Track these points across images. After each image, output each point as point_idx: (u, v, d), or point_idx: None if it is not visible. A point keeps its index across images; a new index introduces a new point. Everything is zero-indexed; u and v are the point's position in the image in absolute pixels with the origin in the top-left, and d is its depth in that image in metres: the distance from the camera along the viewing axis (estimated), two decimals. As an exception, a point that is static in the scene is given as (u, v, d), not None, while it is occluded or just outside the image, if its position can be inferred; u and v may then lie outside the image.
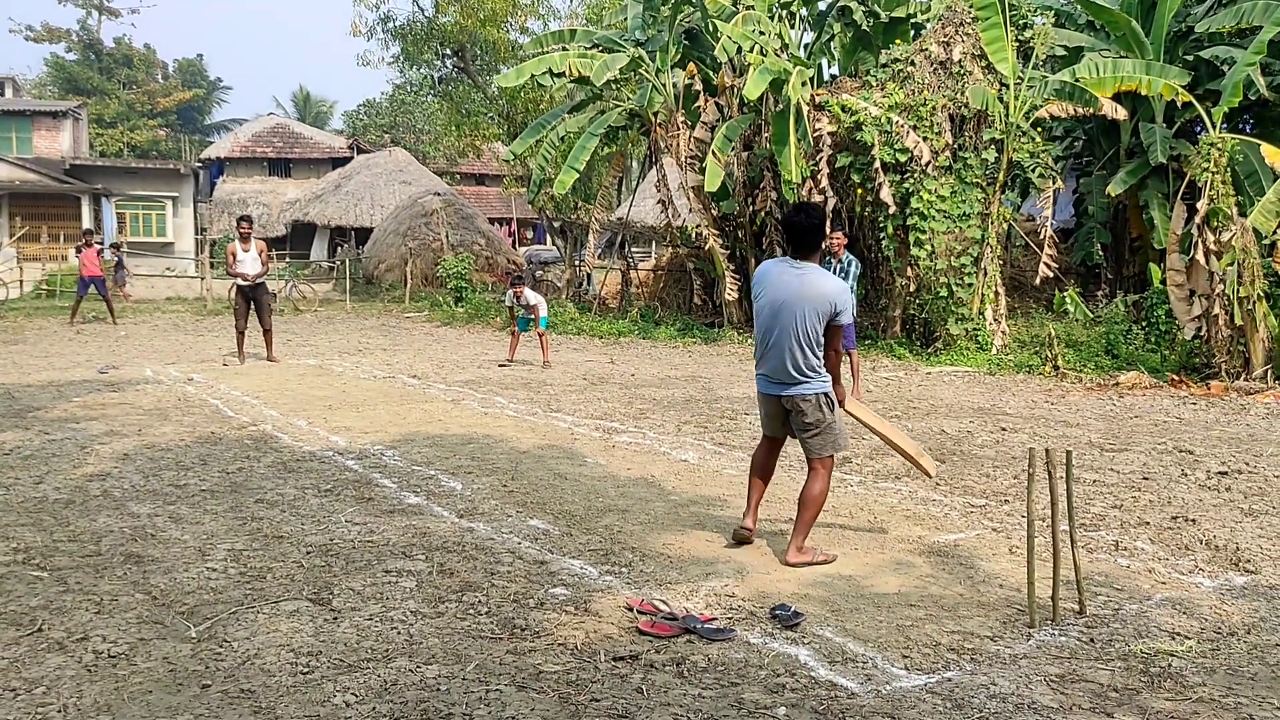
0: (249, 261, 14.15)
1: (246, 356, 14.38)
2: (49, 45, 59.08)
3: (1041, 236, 15.56)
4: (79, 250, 21.21)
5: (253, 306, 14.22)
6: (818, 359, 5.23)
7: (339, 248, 39.50)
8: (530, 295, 14.77)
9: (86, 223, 36.41)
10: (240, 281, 14.18)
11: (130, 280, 27.82)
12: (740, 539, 5.51)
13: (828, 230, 15.05)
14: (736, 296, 18.02)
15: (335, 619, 4.41)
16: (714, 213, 18.64)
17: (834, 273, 11.26)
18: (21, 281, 27.74)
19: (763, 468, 5.60)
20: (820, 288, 5.17)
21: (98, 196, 38.03)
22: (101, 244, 31.63)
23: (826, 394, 5.30)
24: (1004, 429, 9.36)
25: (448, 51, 29.60)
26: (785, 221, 5.48)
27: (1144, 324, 14.40)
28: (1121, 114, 15.38)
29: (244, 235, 14.26)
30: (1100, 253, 19.72)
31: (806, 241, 5.28)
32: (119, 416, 9.64)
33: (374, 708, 3.55)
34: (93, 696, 3.64)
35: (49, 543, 5.51)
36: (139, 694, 3.67)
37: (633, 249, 29.16)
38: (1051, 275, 15.58)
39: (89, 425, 9.14)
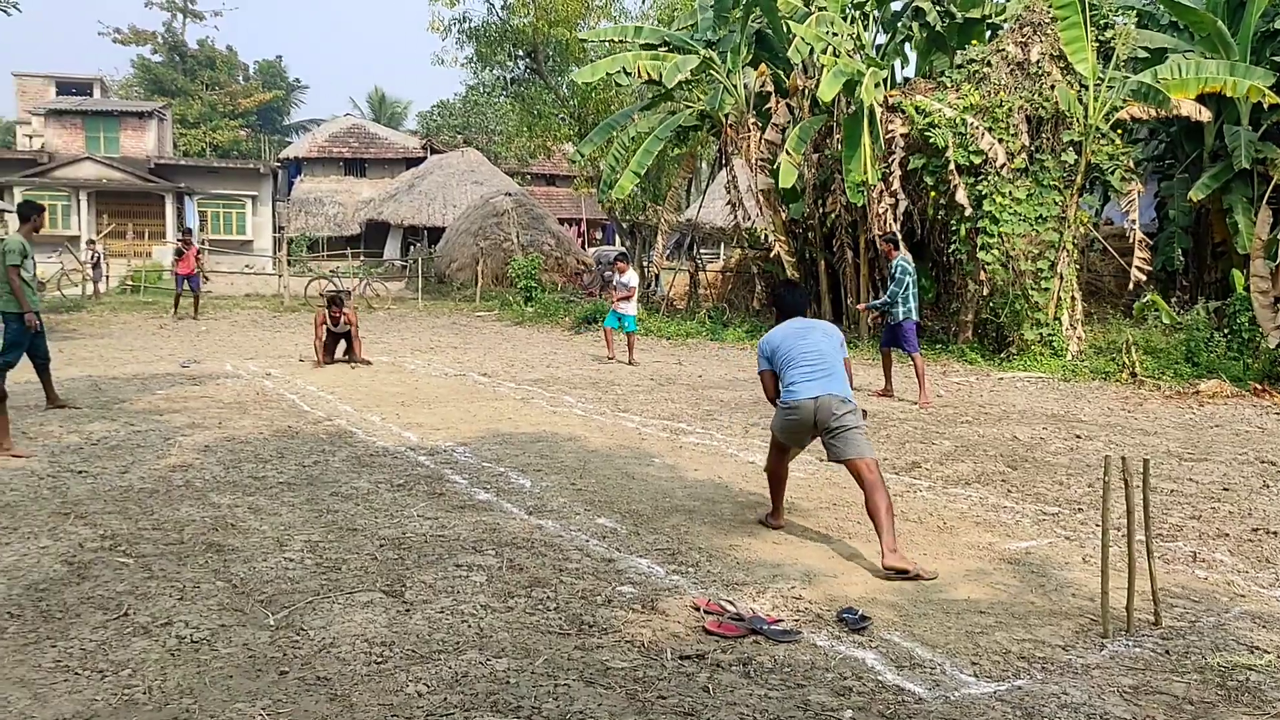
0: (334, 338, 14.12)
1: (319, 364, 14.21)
2: (135, 47, 60.94)
3: (1130, 240, 15.22)
4: (180, 252, 21.71)
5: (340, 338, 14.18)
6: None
7: (412, 247, 40.11)
8: (631, 275, 15.31)
9: (170, 220, 37.45)
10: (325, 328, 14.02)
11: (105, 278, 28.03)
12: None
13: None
14: None
15: (408, 611, 4.50)
16: (783, 215, 18.56)
17: (896, 275, 11.25)
18: (108, 277, 28.59)
19: (781, 475, 6.06)
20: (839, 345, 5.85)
21: (181, 195, 39.12)
22: (202, 243, 32.47)
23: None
24: (1078, 436, 9.19)
25: (520, 53, 29.85)
26: (777, 294, 6.33)
27: (1226, 331, 14.01)
28: (1205, 115, 15.00)
29: (334, 318, 13.98)
30: (1181, 258, 19.23)
31: (799, 307, 6.08)
32: (200, 409, 9.92)
33: (445, 698, 3.63)
34: (176, 680, 3.77)
35: (134, 530, 5.71)
36: (220, 678, 3.79)
37: (701, 250, 29.15)
38: (1144, 279, 15.22)
39: (172, 417, 9.42)
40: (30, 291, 9.19)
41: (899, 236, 12.47)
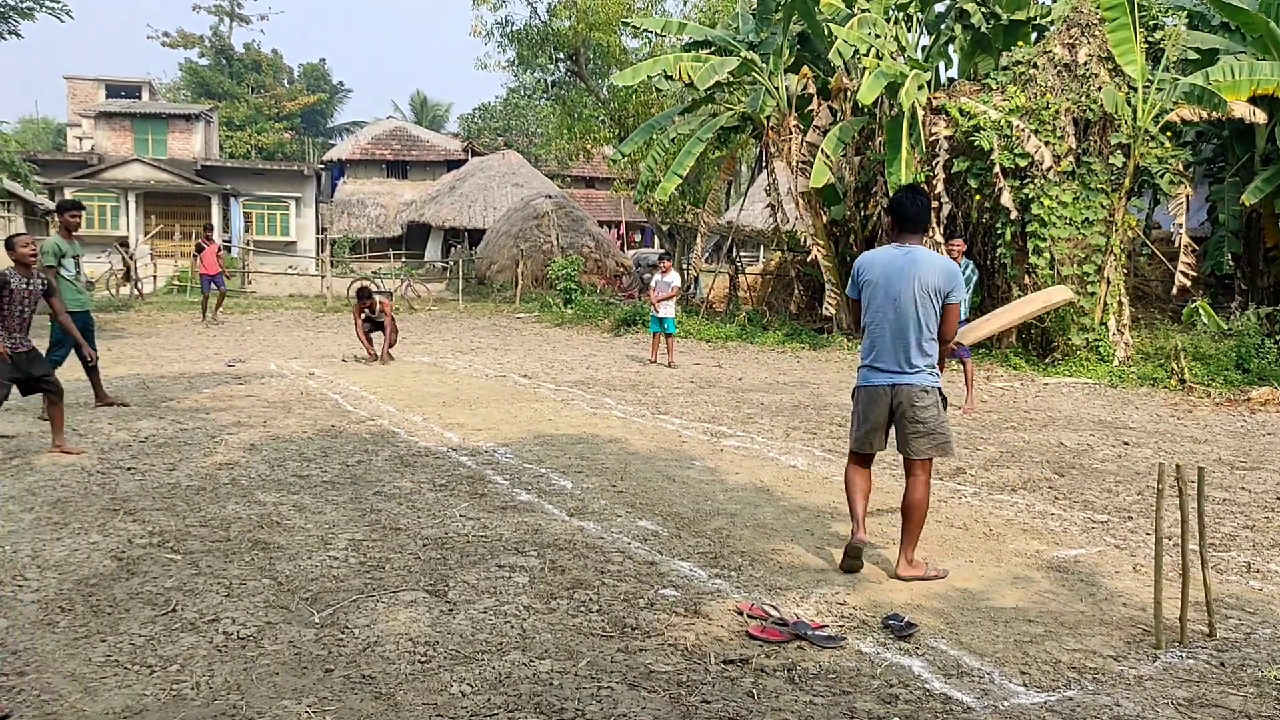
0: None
1: (374, 355, 14.55)
2: (183, 51, 61.79)
3: (1177, 244, 14.97)
4: (199, 249, 21.32)
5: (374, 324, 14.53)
6: (933, 348, 5.07)
7: (452, 248, 40.31)
8: (675, 275, 15.46)
9: (216, 221, 37.94)
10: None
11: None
12: (854, 554, 5.16)
13: (946, 238, 14.83)
14: (834, 312, 17.89)
15: (451, 611, 4.51)
16: (824, 217, 18.45)
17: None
18: (155, 277, 29.04)
19: (858, 485, 5.32)
20: (931, 266, 5.01)
21: (226, 196, 39.63)
22: (229, 242, 32.75)
23: (941, 390, 5.12)
24: (1126, 443, 9.05)
25: (561, 56, 29.97)
26: (893, 202, 5.29)
27: (1278, 338, 13.74)
28: (1260, 117, 14.71)
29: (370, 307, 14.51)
30: (1231, 263, 18.89)
31: (914, 222, 5.14)
32: (246, 408, 10.03)
33: (489, 699, 3.63)
34: (223, 676, 3.80)
35: (182, 527, 5.77)
36: (266, 675, 3.82)
37: (740, 253, 29.05)
38: (1189, 284, 14.96)
39: (218, 416, 9.53)
40: (75, 290, 9.31)
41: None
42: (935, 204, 15.72)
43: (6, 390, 7.56)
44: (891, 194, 7.78)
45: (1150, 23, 15.35)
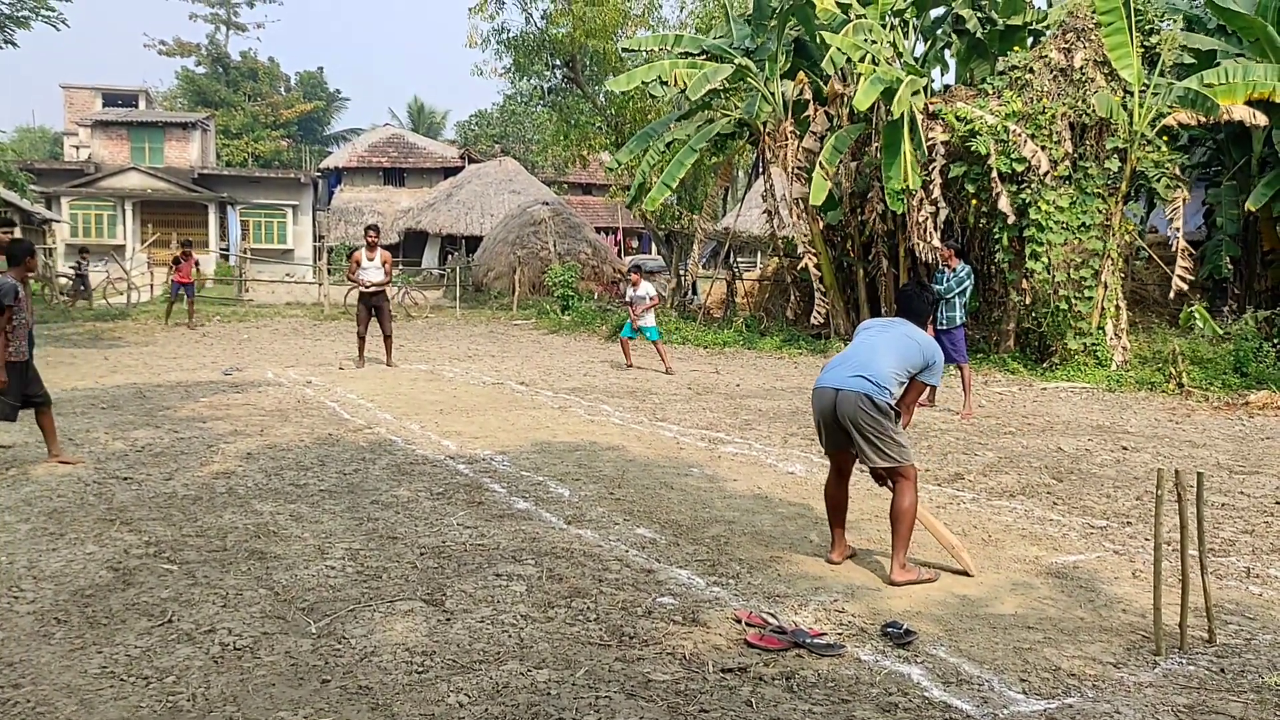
0: (371, 270, 14.48)
1: (365, 361, 14.75)
2: (180, 59, 61.93)
3: (1173, 249, 14.96)
4: (177, 261, 21.54)
5: (374, 313, 14.57)
6: (887, 385, 5.14)
7: (449, 255, 40.34)
8: (646, 287, 15.48)
9: (214, 230, 38.00)
10: (361, 288, 14.56)
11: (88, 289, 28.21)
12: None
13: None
14: (822, 320, 17.91)
15: (448, 620, 4.50)
16: (820, 223, 18.45)
17: (945, 281, 11.03)
18: (152, 285, 28.99)
19: (832, 496, 5.53)
20: (922, 336, 5.36)
21: (223, 204, 39.64)
22: (226, 249, 32.79)
23: (891, 406, 5.17)
24: (1125, 448, 9.04)
25: (558, 62, 29.95)
26: (902, 292, 5.77)
27: (1276, 341, 13.74)
28: (1261, 120, 14.72)
29: (370, 244, 14.60)
30: (1229, 266, 18.90)
31: (917, 314, 5.57)
32: (242, 417, 10.01)
33: (486, 709, 3.61)
34: (220, 687, 3.78)
35: (178, 537, 5.75)
36: (263, 686, 3.80)
37: (738, 259, 29.05)
38: (1186, 288, 14.95)
39: (215, 425, 9.51)
40: None
41: (960, 247, 12.23)
42: (933, 208, 15.73)
43: (15, 411, 7.54)
44: (902, 286, 8.29)
45: (1146, 27, 15.36)
